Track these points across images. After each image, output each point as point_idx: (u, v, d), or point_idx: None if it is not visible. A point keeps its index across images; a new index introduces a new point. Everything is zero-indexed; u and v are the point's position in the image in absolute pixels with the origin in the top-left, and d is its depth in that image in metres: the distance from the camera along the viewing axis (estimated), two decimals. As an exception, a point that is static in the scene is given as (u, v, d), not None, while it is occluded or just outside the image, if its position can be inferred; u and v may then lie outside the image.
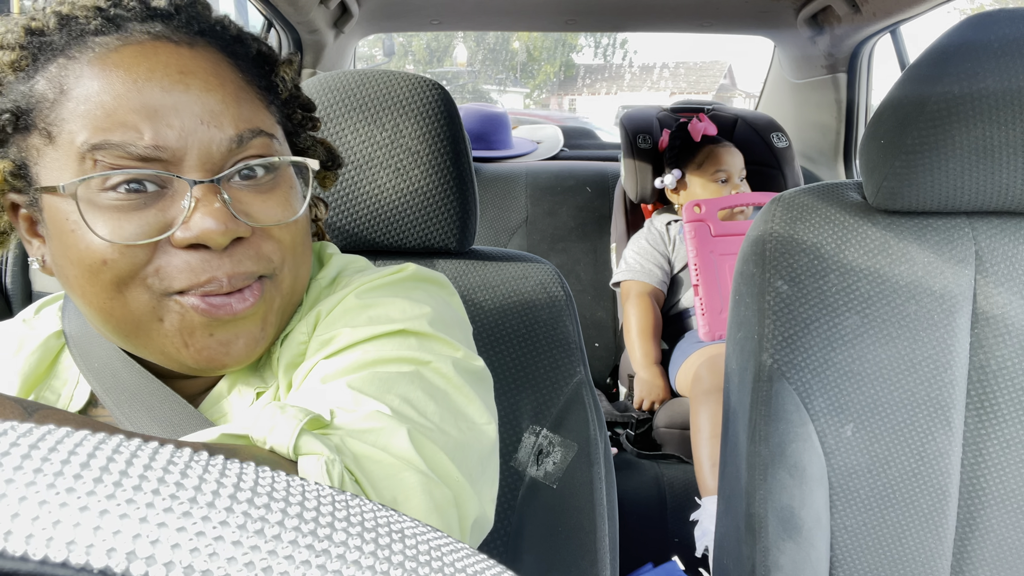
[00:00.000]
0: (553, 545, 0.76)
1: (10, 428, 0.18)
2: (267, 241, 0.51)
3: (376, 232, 0.80)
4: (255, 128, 0.50)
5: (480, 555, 0.20)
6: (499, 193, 2.21)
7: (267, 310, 0.52)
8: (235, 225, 0.48)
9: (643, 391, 1.69)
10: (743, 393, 0.80)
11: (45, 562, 0.15)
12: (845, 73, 2.06)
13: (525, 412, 0.77)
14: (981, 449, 0.77)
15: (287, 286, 0.54)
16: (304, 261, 0.55)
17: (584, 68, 28.68)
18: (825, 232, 0.78)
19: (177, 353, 0.50)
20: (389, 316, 0.53)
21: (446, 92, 0.81)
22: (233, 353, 0.51)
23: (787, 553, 0.77)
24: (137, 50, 0.47)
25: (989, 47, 0.70)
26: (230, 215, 0.47)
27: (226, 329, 0.50)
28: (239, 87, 0.51)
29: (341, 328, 0.52)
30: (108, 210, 0.46)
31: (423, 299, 0.56)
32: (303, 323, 0.56)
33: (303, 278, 0.56)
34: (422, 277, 0.61)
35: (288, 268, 0.53)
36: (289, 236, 0.52)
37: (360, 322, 0.52)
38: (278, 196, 0.51)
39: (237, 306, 0.49)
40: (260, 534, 0.17)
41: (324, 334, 0.53)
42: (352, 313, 0.53)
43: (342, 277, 0.61)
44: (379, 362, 0.49)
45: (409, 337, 0.52)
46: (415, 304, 0.54)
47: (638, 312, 1.74)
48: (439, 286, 0.62)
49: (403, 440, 0.43)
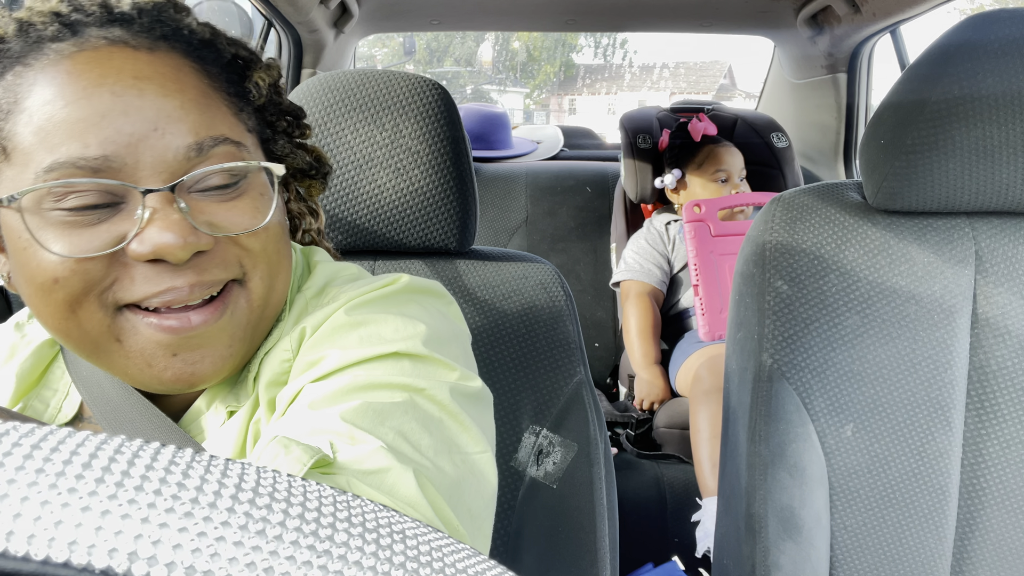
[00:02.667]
0: (553, 545, 0.76)
1: (12, 428, 0.18)
2: (233, 248, 0.48)
3: (376, 232, 0.80)
4: (218, 136, 0.47)
5: (481, 555, 0.20)
6: (499, 193, 2.21)
7: (234, 325, 0.49)
8: (195, 237, 0.45)
9: (643, 391, 1.69)
10: (743, 393, 0.80)
11: (47, 562, 0.15)
12: (845, 73, 2.06)
13: (525, 412, 0.77)
14: (981, 449, 0.77)
15: (258, 295, 0.51)
16: (280, 271, 0.53)
17: (584, 68, 28.68)
18: (825, 232, 0.78)
19: (141, 374, 0.48)
20: (381, 336, 0.50)
21: (446, 92, 0.81)
22: (200, 372, 0.48)
23: (787, 553, 0.77)
24: (91, 56, 0.45)
25: (989, 47, 0.70)
26: (189, 226, 0.45)
27: (189, 347, 0.47)
28: (202, 93, 0.48)
29: (329, 349, 0.50)
30: (60, 226, 0.44)
31: (417, 314, 0.54)
32: (287, 339, 0.53)
33: (280, 290, 0.53)
34: (416, 288, 0.58)
35: (259, 276, 0.50)
36: (259, 243, 0.50)
37: (350, 342, 0.50)
38: (245, 203, 0.49)
39: (196, 319, 0.47)
40: (262, 535, 0.17)
41: (311, 354, 0.50)
42: (341, 332, 0.51)
43: (330, 288, 0.58)
44: (371, 388, 0.47)
45: (402, 360, 0.49)
46: (408, 322, 0.52)
47: (638, 312, 1.74)
48: (435, 296, 0.59)
49: (410, 484, 0.41)
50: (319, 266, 0.60)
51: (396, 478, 0.41)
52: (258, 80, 0.54)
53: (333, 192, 0.79)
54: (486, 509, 0.50)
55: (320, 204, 0.79)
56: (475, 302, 0.81)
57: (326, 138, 0.79)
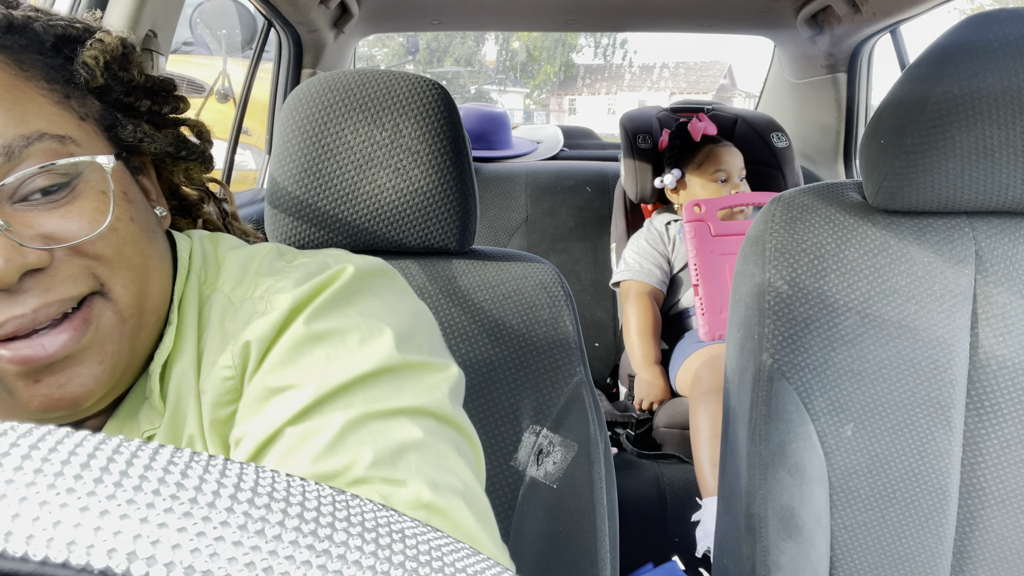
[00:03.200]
0: (553, 545, 0.76)
1: (10, 428, 0.18)
2: (79, 259, 0.43)
3: (376, 232, 0.80)
4: (30, 133, 0.42)
5: (480, 555, 0.20)
6: (499, 193, 2.21)
7: (102, 340, 0.44)
8: (20, 256, 0.40)
9: (643, 391, 1.69)
10: (743, 393, 0.80)
11: (46, 563, 0.15)
12: (845, 73, 2.06)
13: (525, 412, 0.77)
14: (981, 449, 0.77)
15: (127, 304, 0.45)
16: (150, 272, 0.47)
17: (584, 68, 28.70)
18: (825, 232, 0.78)
19: (10, 406, 0.43)
20: (348, 349, 0.45)
21: (446, 92, 0.81)
22: (70, 396, 0.43)
23: (787, 553, 0.77)
24: None
25: (989, 47, 0.70)
26: (12, 245, 0.39)
27: (51, 371, 0.42)
28: (7, 87, 0.42)
29: (298, 374, 0.44)
30: None
31: (376, 311, 0.49)
32: (225, 354, 0.47)
33: (156, 292, 0.48)
34: (365, 274, 0.52)
35: (122, 283, 0.45)
36: (110, 248, 0.44)
37: (316, 363, 0.45)
38: (81, 206, 0.43)
39: (50, 347, 0.41)
40: (261, 534, 0.17)
41: (275, 378, 0.45)
42: (304, 349, 0.45)
43: (252, 276, 0.51)
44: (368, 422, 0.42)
45: (382, 377, 0.45)
46: (373, 326, 0.47)
47: (638, 312, 1.74)
48: (385, 276, 0.54)
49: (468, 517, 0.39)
50: (228, 255, 0.54)
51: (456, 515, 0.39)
52: (87, 60, 0.47)
53: (333, 192, 0.79)
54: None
55: (319, 204, 0.79)
56: (475, 302, 0.81)
57: (326, 138, 0.79)
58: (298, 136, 0.79)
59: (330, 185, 0.79)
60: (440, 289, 0.81)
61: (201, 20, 1.67)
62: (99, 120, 0.48)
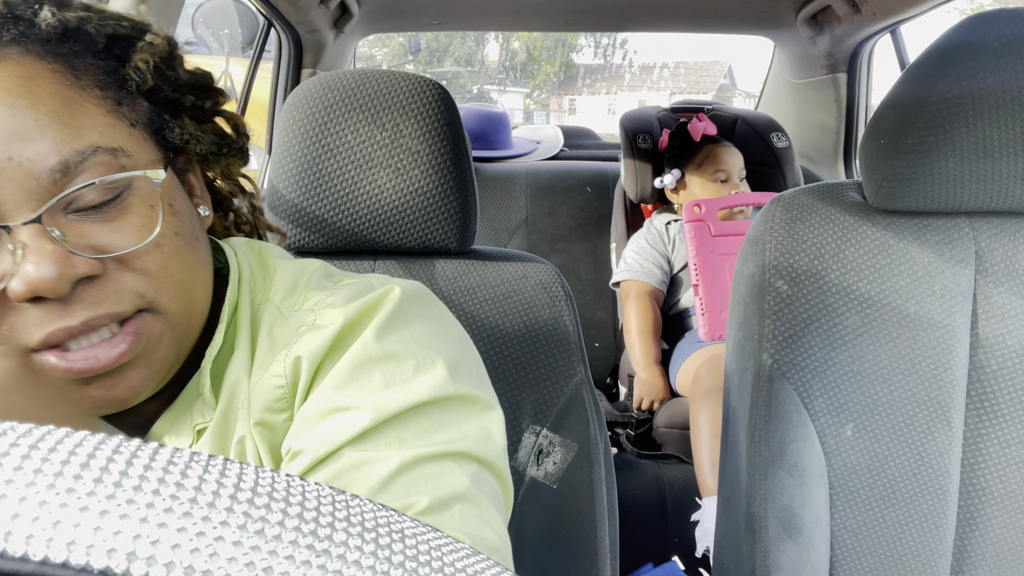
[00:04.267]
0: (553, 545, 0.76)
1: (9, 428, 0.18)
2: (127, 275, 0.44)
3: (376, 232, 0.80)
4: (86, 148, 0.43)
5: (480, 555, 0.20)
6: (499, 193, 2.21)
7: (152, 349, 0.45)
8: (71, 268, 0.41)
9: (643, 391, 1.69)
10: (743, 393, 0.80)
11: (45, 563, 0.15)
12: (845, 73, 2.06)
13: (525, 412, 0.77)
14: (981, 449, 0.77)
15: (175, 314, 0.47)
16: (196, 282, 0.48)
17: (584, 68, 28.71)
18: (825, 232, 0.78)
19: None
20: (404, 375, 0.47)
21: (446, 92, 0.81)
22: (119, 397, 0.45)
23: (787, 553, 0.77)
24: None
25: (989, 47, 0.70)
26: (65, 254, 0.41)
27: (101, 377, 0.44)
28: (63, 101, 0.43)
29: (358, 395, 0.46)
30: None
31: (426, 338, 0.51)
32: (277, 363, 0.49)
33: (201, 299, 0.49)
34: (412, 296, 0.53)
35: (169, 297, 0.46)
36: (156, 263, 0.45)
37: (375, 387, 0.47)
38: (130, 220, 0.44)
39: (104, 359, 0.43)
40: (260, 534, 0.17)
41: (335, 398, 0.46)
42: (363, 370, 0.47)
43: (301, 290, 0.53)
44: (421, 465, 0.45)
45: (432, 410, 0.47)
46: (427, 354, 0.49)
47: (638, 311, 1.74)
48: (430, 302, 0.56)
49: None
50: (280, 266, 0.55)
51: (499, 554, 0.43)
52: (139, 64, 0.48)
53: (333, 192, 0.79)
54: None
55: (319, 204, 0.79)
56: (475, 302, 0.81)
57: (326, 138, 0.79)
58: (298, 136, 0.79)
59: (330, 185, 0.79)
60: (440, 289, 0.81)
61: (203, 20, 1.67)
62: (148, 124, 0.49)
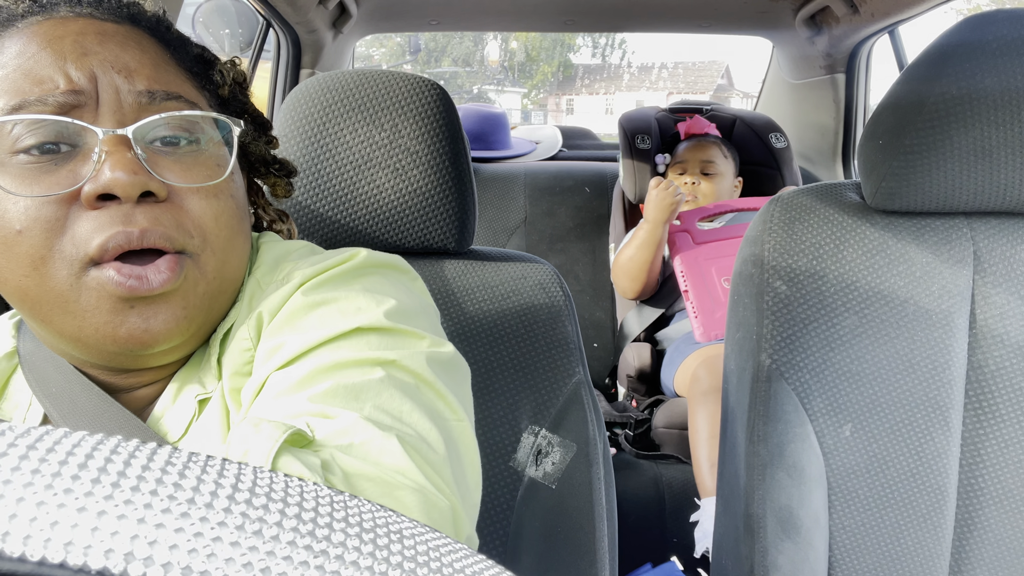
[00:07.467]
0: (552, 545, 0.76)
1: (7, 429, 0.18)
2: (184, 212, 0.48)
3: (375, 232, 0.80)
4: (172, 91, 0.49)
5: (479, 555, 0.20)
6: (498, 193, 2.21)
7: (189, 290, 0.49)
8: (146, 176, 0.45)
9: (651, 206, 1.65)
10: (742, 393, 0.80)
11: (43, 563, 0.15)
12: (843, 73, 2.07)
13: (524, 412, 0.77)
14: (979, 449, 0.77)
15: (212, 270, 0.50)
16: (235, 248, 0.52)
17: (582, 68, 28.72)
18: (823, 232, 0.78)
19: (96, 333, 0.47)
20: (341, 312, 0.49)
21: (445, 92, 0.81)
22: (154, 330, 0.47)
23: (785, 553, 0.77)
24: (58, 22, 0.48)
25: (987, 47, 0.70)
26: (141, 166, 0.46)
27: (145, 302, 0.47)
28: (162, 58, 0.50)
29: (289, 334, 0.48)
30: (20, 174, 0.45)
31: (381, 287, 0.53)
32: (244, 327, 0.52)
33: (234, 266, 0.52)
34: (376, 263, 0.56)
35: (212, 251, 0.50)
36: (211, 211, 0.49)
37: (309, 324, 0.49)
38: (202, 164, 0.49)
39: (154, 279, 0.46)
40: (258, 534, 0.17)
41: (271, 341, 0.49)
42: (299, 315, 0.50)
43: (283, 263, 0.56)
44: (338, 368, 0.46)
45: (367, 334, 0.48)
46: (371, 296, 0.51)
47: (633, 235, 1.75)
48: (398, 271, 0.58)
49: (396, 451, 0.40)
50: (265, 246, 0.59)
51: (380, 447, 0.41)
52: (222, 69, 0.56)
53: (331, 193, 0.79)
54: (472, 477, 0.49)
55: (318, 204, 0.79)
56: (474, 302, 0.81)
57: (325, 138, 0.79)
58: (297, 136, 0.79)
59: (329, 185, 0.79)
60: (439, 289, 0.81)
61: (202, 20, 1.67)
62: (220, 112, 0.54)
